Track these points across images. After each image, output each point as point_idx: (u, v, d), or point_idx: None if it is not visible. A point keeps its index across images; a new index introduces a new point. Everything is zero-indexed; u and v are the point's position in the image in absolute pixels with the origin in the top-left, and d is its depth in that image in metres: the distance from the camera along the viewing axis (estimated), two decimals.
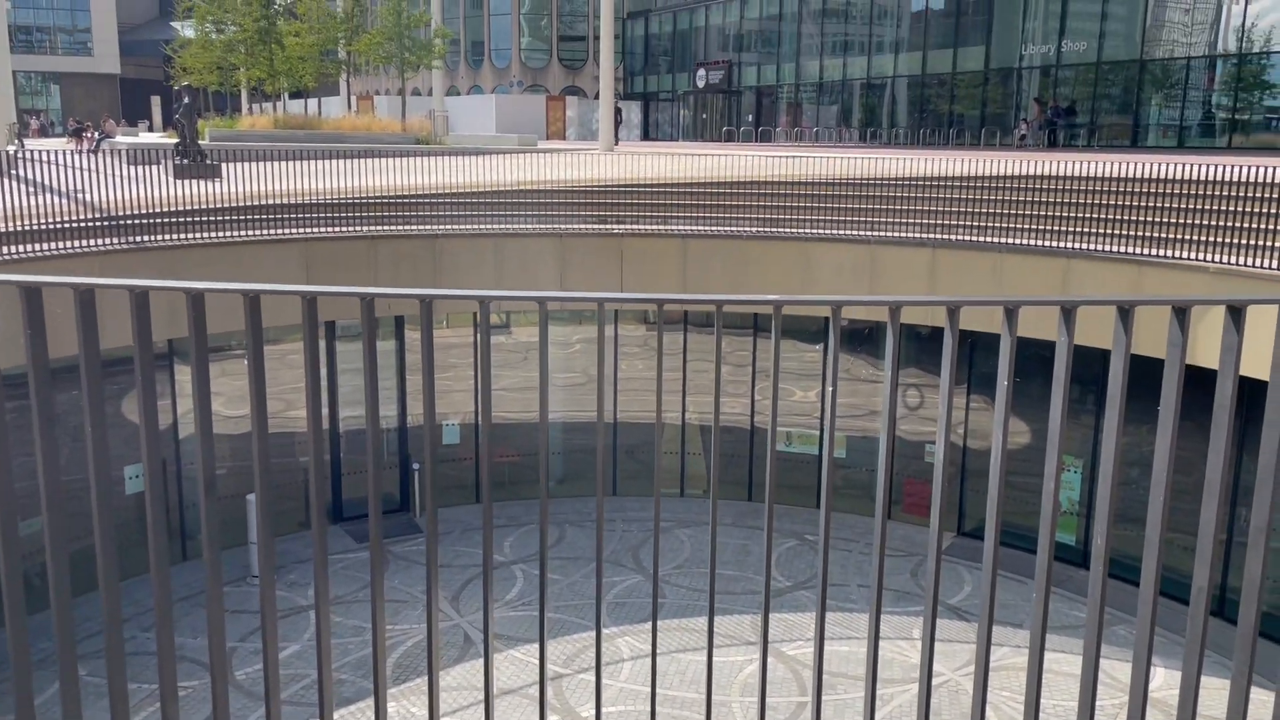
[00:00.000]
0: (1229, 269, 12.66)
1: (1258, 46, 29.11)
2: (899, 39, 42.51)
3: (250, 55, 40.06)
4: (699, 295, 2.35)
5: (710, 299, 2.40)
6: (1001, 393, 2.44)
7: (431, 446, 2.89)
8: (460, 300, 6.05)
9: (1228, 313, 2.33)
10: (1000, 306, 2.38)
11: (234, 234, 15.74)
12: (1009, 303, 2.37)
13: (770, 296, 2.40)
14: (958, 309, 2.39)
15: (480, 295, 2.33)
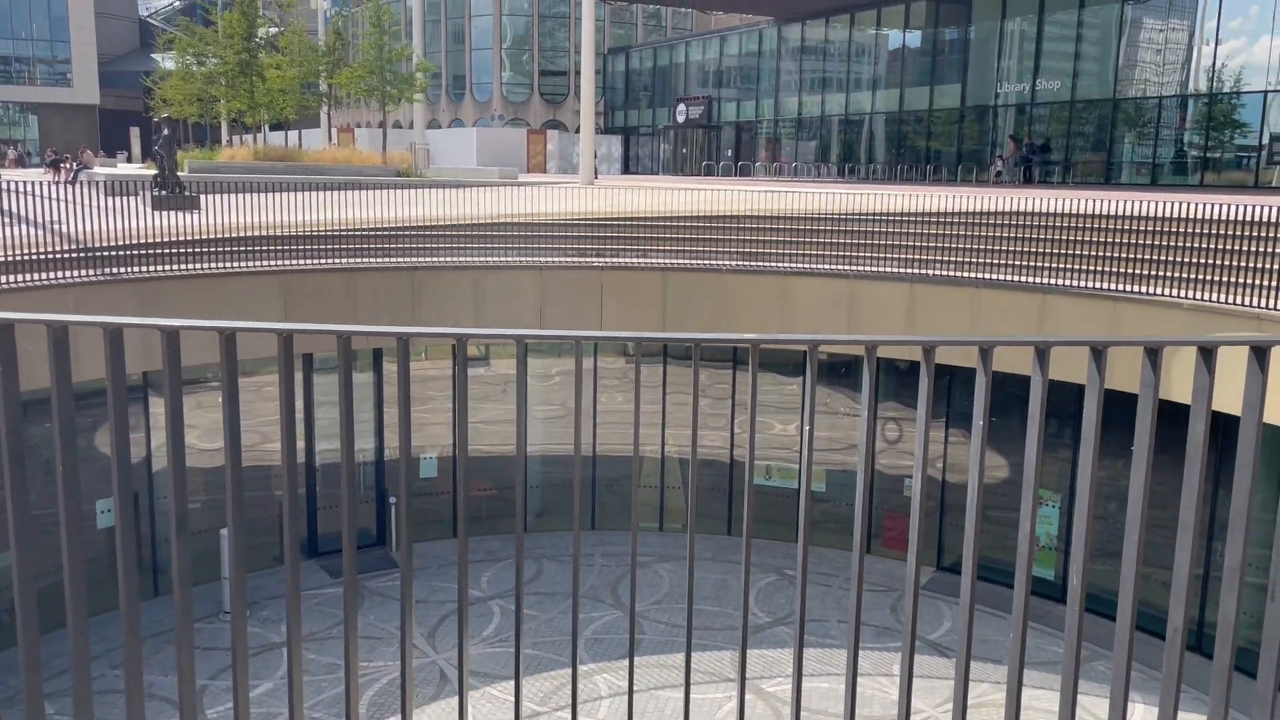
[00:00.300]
0: (1202, 305, 12.82)
1: (1228, 86, 29.68)
2: (876, 76, 43.07)
3: (231, 87, 40.10)
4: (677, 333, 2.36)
5: (688, 337, 2.40)
6: (977, 432, 2.46)
7: (407, 484, 2.87)
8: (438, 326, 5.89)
9: (1199, 354, 2.35)
10: (975, 346, 2.40)
11: (212, 266, 15.67)
12: (984, 343, 2.39)
13: (747, 335, 2.41)
14: (933, 349, 2.41)
15: (458, 333, 2.32)
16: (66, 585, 2.45)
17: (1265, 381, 2.31)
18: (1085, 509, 2.51)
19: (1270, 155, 28.91)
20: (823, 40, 45.22)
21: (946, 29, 39.59)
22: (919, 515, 2.73)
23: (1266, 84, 28.50)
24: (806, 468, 2.71)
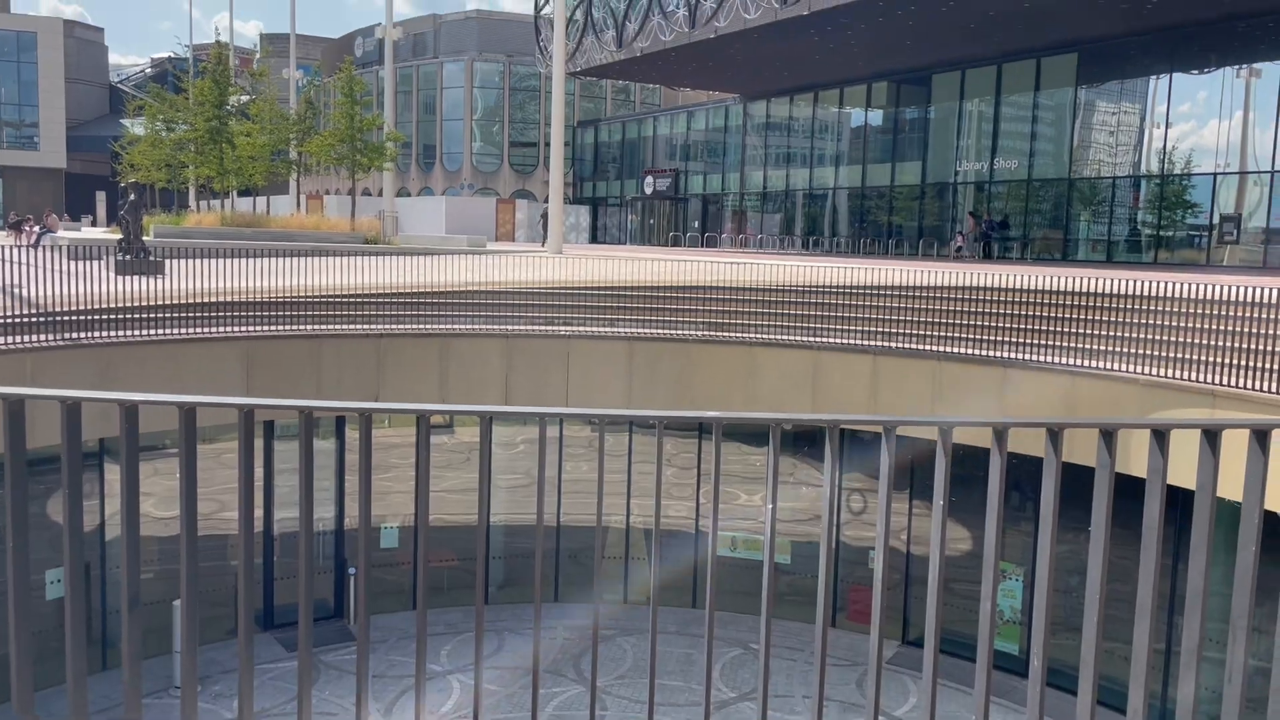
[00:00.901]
0: (1158, 381, 13.04)
1: (1179, 168, 30.62)
2: (840, 152, 44.01)
3: (200, 154, 40.19)
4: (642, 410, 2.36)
5: (651, 414, 2.41)
6: (937, 511, 2.47)
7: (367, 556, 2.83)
8: (403, 395, 5.74)
9: (1152, 436, 2.40)
10: (935, 427, 2.43)
11: (174, 332, 15.52)
12: (943, 423, 2.42)
13: (710, 413, 2.42)
14: (894, 428, 2.44)
15: (420, 410, 2.32)
16: (13, 658, 2.38)
17: (1217, 464, 2.36)
18: (1044, 591, 2.53)
19: (1221, 234, 29.74)
20: (787, 117, 46.23)
21: (907, 108, 40.64)
22: (881, 593, 2.73)
23: (1215, 166, 29.44)
24: (770, 542, 2.71)
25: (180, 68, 60.18)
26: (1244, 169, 28.91)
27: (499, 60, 69.69)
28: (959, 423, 2.48)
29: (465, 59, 69.73)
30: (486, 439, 2.61)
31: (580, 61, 42.33)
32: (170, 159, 47.11)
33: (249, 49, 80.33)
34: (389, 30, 42.80)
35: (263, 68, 45.61)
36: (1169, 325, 13.82)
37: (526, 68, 67.10)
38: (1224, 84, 29.47)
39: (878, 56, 36.32)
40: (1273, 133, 27.75)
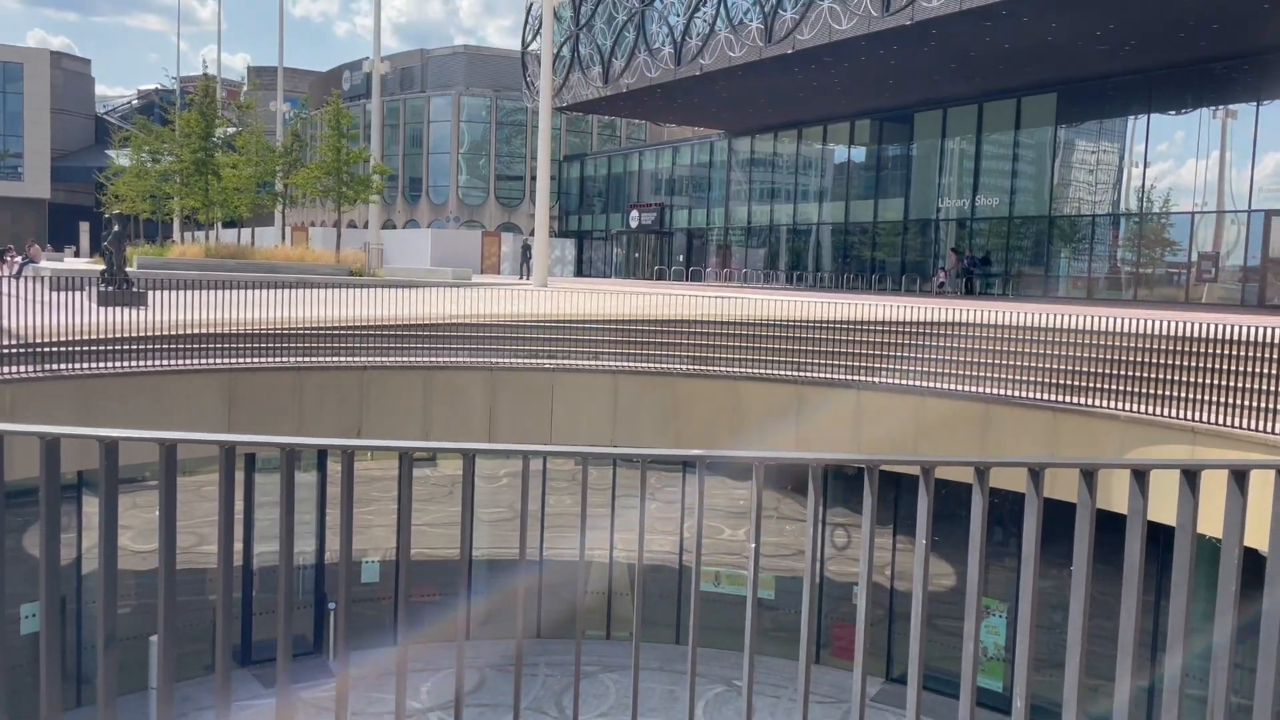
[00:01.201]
0: (1139, 418, 13.12)
1: (1157, 206, 31.00)
2: (823, 188, 44.38)
3: (185, 185, 40.16)
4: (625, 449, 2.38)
5: (635, 452, 2.42)
6: (920, 551, 2.48)
7: (347, 592, 2.80)
8: (386, 428, 5.62)
9: (1132, 476, 2.41)
10: (918, 466, 2.44)
11: (156, 364, 15.43)
12: (925, 462, 2.43)
13: (694, 451, 2.43)
14: (876, 468, 2.44)
15: (402, 446, 2.31)
16: None
17: (1196, 504, 2.37)
18: (1027, 630, 2.53)
19: (1199, 273, 30.07)
20: (772, 153, 46.63)
21: (889, 145, 41.07)
22: (864, 630, 2.72)
23: (1193, 205, 29.83)
24: (754, 580, 2.71)
25: (167, 99, 60.28)
26: (1221, 208, 29.29)
27: (486, 95, 70.14)
28: (941, 462, 2.50)
29: (452, 93, 70.16)
30: (469, 476, 2.60)
31: (567, 97, 42.65)
32: (155, 190, 47.08)
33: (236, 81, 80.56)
34: (376, 64, 43.05)
35: (249, 100, 45.73)
36: (1149, 362, 13.92)
37: (513, 102, 67.53)
38: (1201, 124, 29.93)
39: (860, 94, 36.74)
40: (1249, 172, 28.16)
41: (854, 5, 27.14)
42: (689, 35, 34.42)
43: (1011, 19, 24.84)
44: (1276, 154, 27.90)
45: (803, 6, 29.09)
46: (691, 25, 34.36)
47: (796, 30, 29.29)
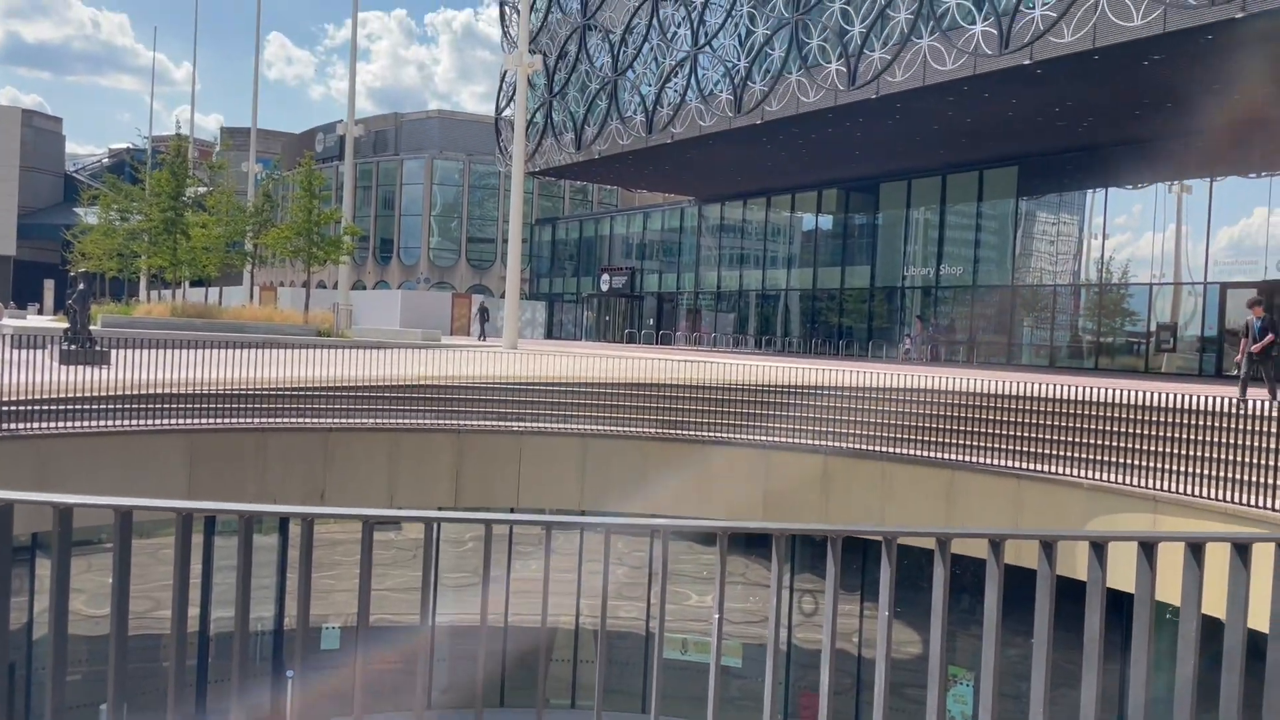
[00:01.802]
0: (1101, 486, 13.24)
1: (1116, 277, 31.64)
2: (791, 255, 44.95)
3: (153, 244, 40.00)
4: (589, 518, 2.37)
5: (600, 523, 2.41)
6: (882, 622, 2.48)
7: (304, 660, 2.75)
8: (350, 491, 5.54)
9: (1091, 549, 2.44)
10: (880, 538, 2.45)
11: (117, 424, 15.20)
12: (887, 533, 2.44)
13: (658, 520, 2.42)
14: (839, 539, 2.45)
15: (364, 514, 2.29)
16: None
17: (1154, 577, 2.40)
18: (989, 700, 2.53)
19: (1158, 343, 30.61)
20: (741, 219, 47.26)
21: (856, 214, 41.78)
22: (828, 699, 2.70)
23: (1152, 276, 30.47)
24: (717, 651, 2.69)
25: (138, 158, 60.30)
26: (1178, 280, 29.94)
27: (459, 158, 70.79)
28: (904, 532, 2.51)
29: (426, 156, 70.75)
30: (432, 544, 2.58)
31: (539, 162, 43.12)
32: (123, 248, 46.83)
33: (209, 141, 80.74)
34: (350, 127, 43.36)
35: (222, 160, 45.91)
36: (1111, 431, 14.09)
37: (486, 166, 68.17)
38: (1157, 198, 30.72)
39: (828, 164, 37.45)
40: (1205, 246, 28.86)
41: (821, 79, 27.79)
42: (660, 104, 35.03)
43: (973, 95, 25.52)
44: (1231, 228, 28.65)
45: (771, 79, 29.74)
46: (663, 95, 34.99)
47: (765, 102, 29.90)
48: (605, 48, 38.54)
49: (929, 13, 24.51)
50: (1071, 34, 21.23)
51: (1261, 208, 27.93)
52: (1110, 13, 20.42)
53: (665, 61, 35.08)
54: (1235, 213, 28.62)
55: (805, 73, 28.48)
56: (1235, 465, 12.15)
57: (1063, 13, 21.34)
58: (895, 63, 25.51)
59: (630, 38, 37.07)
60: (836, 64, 27.29)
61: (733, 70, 31.60)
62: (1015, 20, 22.47)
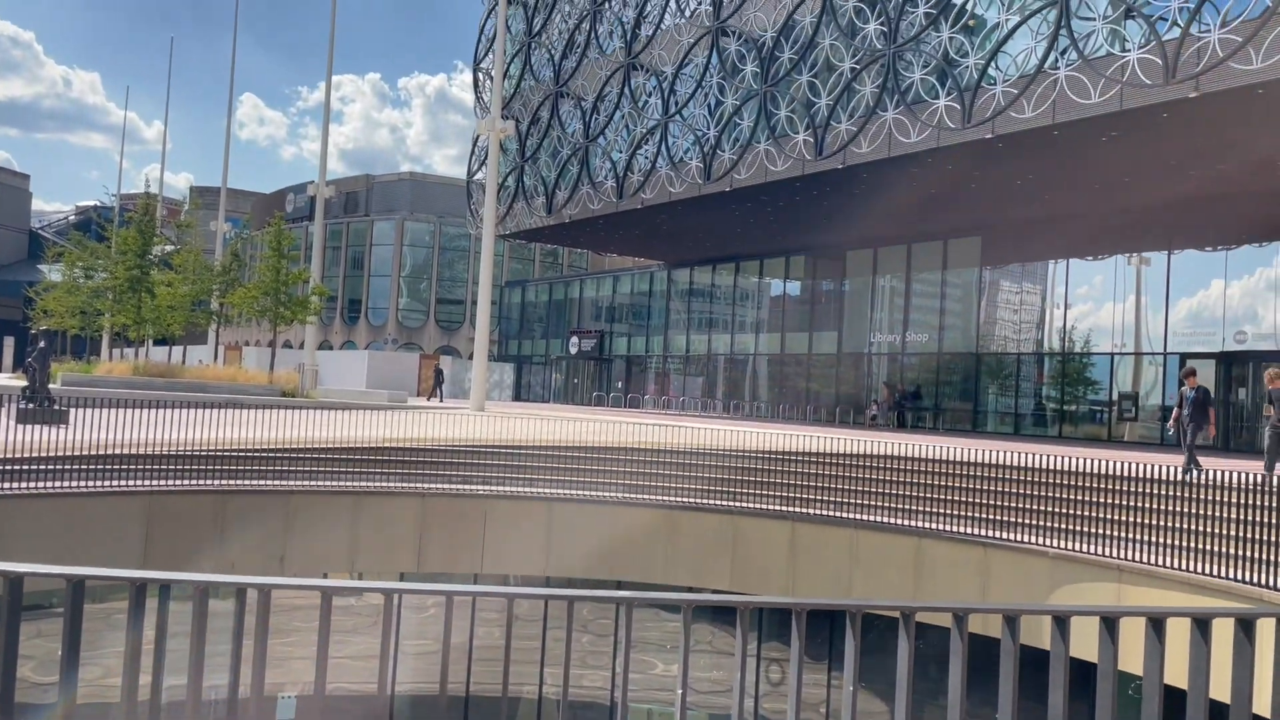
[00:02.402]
0: (1066, 554, 13.29)
1: (1079, 347, 32.13)
2: (759, 320, 45.31)
3: (118, 302, 39.65)
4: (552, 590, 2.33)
5: (563, 594, 2.39)
6: (847, 696, 2.46)
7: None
8: (312, 555, 5.41)
9: (1053, 623, 2.44)
10: (845, 610, 2.44)
11: (73, 485, 14.90)
12: (852, 607, 2.43)
13: (622, 593, 2.40)
14: (804, 612, 2.44)
15: (322, 586, 2.26)
16: None
17: (1116, 650, 2.40)
18: None
19: (1120, 412, 31.01)
20: (710, 284, 47.66)
21: (823, 281, 42.28)
22: None
23: (1113, 346, 30.98)
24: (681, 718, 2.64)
25: (105, 216, 60.01)
26: (1139, 350, 30.46)
27: (430, 220, 71.08)
28: (868, 606, 2.50)
29: (397, 217, 70.99)
30: (392, 617, 2.54)
31: (510, 224, 43.38)
32: (86, 306, 46.38)
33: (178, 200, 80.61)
34: (321, 187, 43.49)
35: (190, 219, 45.80)
36: (1075, 499, 14.20)
37: (457, 228, 68.48)
38: (1117, 269, 31.37)
39: (795, 231, 37.97)
40: (1164, 316, 29.43)
41: (789, 148, 28.31)
42: (631, 170, 35.48)
43: (936, 167, 26.08)
44: (1189, 299, 29.27)
45: (740, 148, 30.25)
46: (634, 161, 35.46)
47: (734, 170, 30.37)
48: (577, 114, 39.09)
49: (893, 87, 25.13)
50: (1032, 109, 21.82)
51: (1218, 280, 28.59)
52: (1069, 91, 21.03)
53: (636, 129, 35.62)
54: (1193, 285, 29.27)
55: (773, 142, 29.01)
56: (1195, 535, 12.26)
57: (1023, 90, 21.96)
58: (861, 134, 26.06)
59: (602, 105, 37.64)
60: (804, 134, 27.82)
61: (702, 138, 32.13)
62: (977, 96, 23.08)
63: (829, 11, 27.30)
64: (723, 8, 31.44)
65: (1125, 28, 20.64)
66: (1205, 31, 18.70)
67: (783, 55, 28.87)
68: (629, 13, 36.47)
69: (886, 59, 25.34)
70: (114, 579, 2.25)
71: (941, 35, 24.10)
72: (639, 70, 35.72)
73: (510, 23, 42.56)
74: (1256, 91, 18.51)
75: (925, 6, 24.60)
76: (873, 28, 25.93)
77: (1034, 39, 22.14)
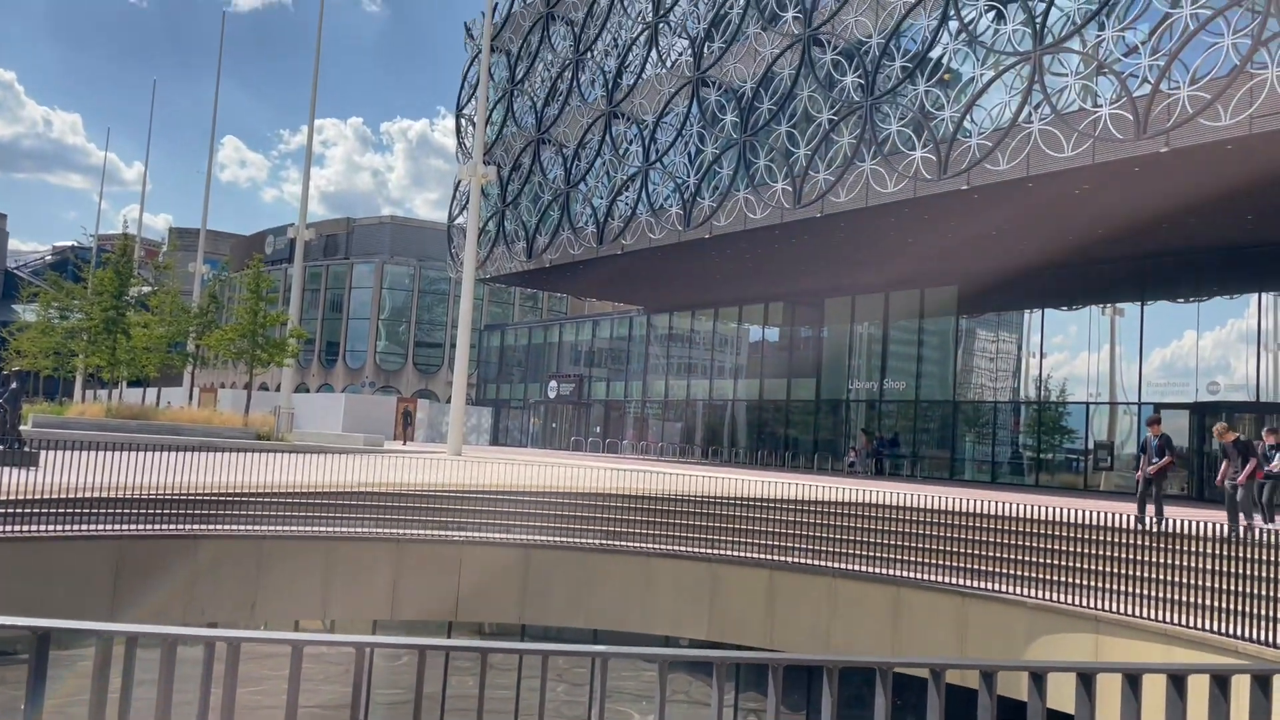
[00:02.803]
0: (1045, 605, 13.28)
1: (1055, 396, 32.37)
2: (738, 366, 45.43)
3: (92, 343, 39.32)
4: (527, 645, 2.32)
5: (538, 648, 2.36)
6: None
7: None
8: (284, 602, 5.28)
9: (1030, 679, 2.44)
10: (822, 666, 2.42)
11: (41, 529, 14.67)
12: (829, 663, 2.42)
13: (597, 647, 2.38)
14: (780, 668, 2.42)
15: (291, 639, 2.22)
16: None
17: (1093, 707, 2.39)
18: None
19: (1096, 461, 31.19)
20: (689, 330, 47.82)
21: (802, 328, 42.52)
22: None
23: (1088, 395, 31.24)
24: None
25: (83, 256, 59.74)
26: (1114, 399, 30.72)
27: (410, 263, 71.12)
28: (845, 662, 2.49)
29: (377, 261, 70.99)
30: (364, 670, 2.50)
31: (490, 269, 43.47)
32: (60, 347, 45.96)
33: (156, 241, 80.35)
34: (301, 230, 43.51)
35: (168, 260, 45.63)
36: (1052, 549, 14.22)
37: (437, 272, 68.53)
38: (1091, 320, 31.72)
39: (774, 278, 38.23)
40: (1138, 366, 29.74)
41: (768, 197, 28.60)
42: (612, 216, 35.70)
43: (913, 216, 26.40)
44: (1163, 350, 29.61)
45: (720, 195, 30.54)
46: (614, 207, 35.70)
47: (714, 217, 30.63)
48: (559, 161, 39.39)
49: (871, 138, 25.49)
50: (1006, 162, 22.17)
51: (1191, 331, 28.95)
52: (1042, 144, 21.40)
53: (617, 175, 35.90)
54: (1166, 335, 29.63)
55: (752, 190, 29.31)
56: (1170, 585, 12.29)
57: (997, 143, 22.32)
58: (839, 184, 26.38)
59: (583, 152, 37.96)
60: (783, 183, 28.13)
61: (682, 186, 32.42)
62: (953, 148, 23.44)
63: (807, 64, 27.75)
64: (703, 59, 31.91)
65: (1097, 84, 21.08)
66: (1175, 88, 19.11)
67: (762, 105, 29.27)
68: (611, 62, 36.94)
69: (864, 110, 25.73)
70: (81, 630, 2.21)
71: (918, 88, 24.52)
72: (620, 118, 36.09)
73: (494, 70, 42.99)
74: (1225, 148, 18.90)
75: (901, 60, 25.06)
76: (850, 80, 26.36)
77: (1008, 93, 22.56)
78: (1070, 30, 21.46)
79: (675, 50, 34.13)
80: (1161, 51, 19.53)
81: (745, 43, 30.37)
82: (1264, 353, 27.19)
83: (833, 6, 27.28)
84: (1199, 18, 18.97)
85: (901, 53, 25.17)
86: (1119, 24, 20.53)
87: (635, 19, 36.08)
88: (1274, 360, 27.20)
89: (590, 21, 38.27)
